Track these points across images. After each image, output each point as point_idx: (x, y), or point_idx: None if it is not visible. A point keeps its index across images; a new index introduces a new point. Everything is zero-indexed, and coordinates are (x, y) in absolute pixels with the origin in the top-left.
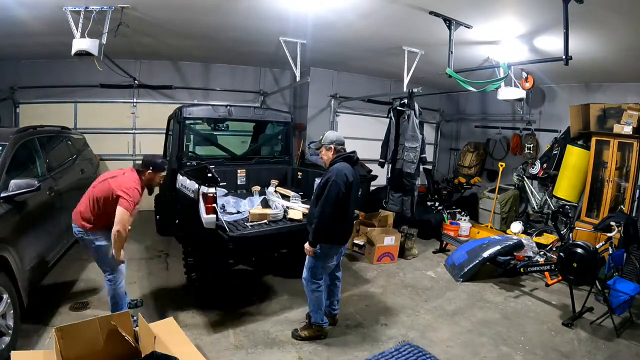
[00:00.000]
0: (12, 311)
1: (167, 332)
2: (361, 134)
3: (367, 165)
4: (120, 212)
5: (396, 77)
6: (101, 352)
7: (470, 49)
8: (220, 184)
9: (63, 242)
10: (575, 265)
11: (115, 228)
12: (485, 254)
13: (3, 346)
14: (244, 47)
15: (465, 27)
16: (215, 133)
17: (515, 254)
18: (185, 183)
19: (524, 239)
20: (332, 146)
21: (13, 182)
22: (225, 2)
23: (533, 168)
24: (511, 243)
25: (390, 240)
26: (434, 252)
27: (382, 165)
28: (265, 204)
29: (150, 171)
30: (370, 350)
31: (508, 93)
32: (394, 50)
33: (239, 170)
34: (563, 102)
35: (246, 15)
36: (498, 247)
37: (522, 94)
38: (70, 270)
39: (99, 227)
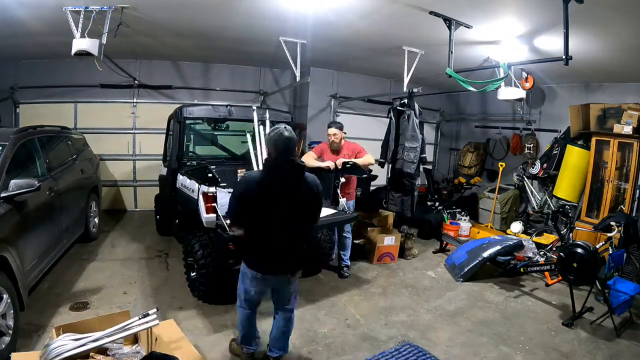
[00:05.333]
0: (12, 311)
1: (167, 332)
2: (361, 134)
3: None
4: None
5: (396, 77)
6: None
7: (470, 49)
8: (221, 184)
9: (63, 242)
10: (575, 265)
11: None
12: (485, 254)
13: (3, 346)
14: (244, 47)
15: (465, 27)
16: (215, 133)
17: (515, 254)
18: (185, 183)
19: (524, 240)
20: (268, 149)
21: (13, 182)
22: (225, 1)
23: (533, 168)
24: (511, 243)
25: (390, 240)
26: (434, 252)
27: (382, 165)
28: None
29: None
30: (370, 350)
31: (508, 93)
32: (394, 50)
33: (239, 170)
34: (563, 102)
35: (246, 15)
36: (498, 247)
37: (522, 94)
38: (70, 270)
39: None
